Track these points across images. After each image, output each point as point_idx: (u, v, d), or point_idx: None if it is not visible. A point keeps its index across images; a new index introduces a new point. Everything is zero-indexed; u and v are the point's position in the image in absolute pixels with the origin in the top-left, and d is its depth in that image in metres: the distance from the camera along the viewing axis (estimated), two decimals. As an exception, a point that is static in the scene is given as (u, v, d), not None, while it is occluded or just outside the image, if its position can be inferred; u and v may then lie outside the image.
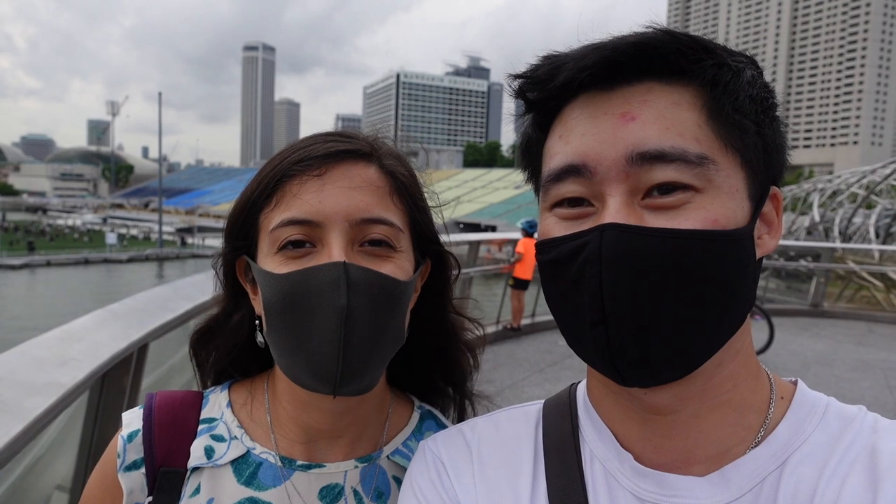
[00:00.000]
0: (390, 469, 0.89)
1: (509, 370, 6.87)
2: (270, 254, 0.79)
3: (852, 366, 7.41)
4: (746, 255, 0.61)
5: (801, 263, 12.69)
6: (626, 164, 0.59)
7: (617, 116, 0.60)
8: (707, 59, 0.61)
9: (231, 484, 0.83)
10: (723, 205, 0.59)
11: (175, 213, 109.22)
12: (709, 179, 0.59)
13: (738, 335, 0.64)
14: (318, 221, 0.76)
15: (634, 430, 0.67)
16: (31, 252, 57.47)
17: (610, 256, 0.57)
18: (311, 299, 0.74)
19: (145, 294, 2.74)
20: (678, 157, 0.58)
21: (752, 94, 0.62)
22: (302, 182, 0.78)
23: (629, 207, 0.59)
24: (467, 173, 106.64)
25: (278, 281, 0.76)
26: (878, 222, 29.06)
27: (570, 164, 0.62)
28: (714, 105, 0.60)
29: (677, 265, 0.57)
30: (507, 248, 11.00)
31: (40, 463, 2.03)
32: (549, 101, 0.66)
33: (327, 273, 0.74)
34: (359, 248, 0.78)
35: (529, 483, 0.71)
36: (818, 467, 0.61)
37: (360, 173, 0.80)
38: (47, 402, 1.37)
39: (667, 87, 0.61)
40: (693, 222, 0.58)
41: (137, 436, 0.85)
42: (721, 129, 0.60)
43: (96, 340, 1.89)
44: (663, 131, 0.59)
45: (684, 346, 0.59)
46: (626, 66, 0.60)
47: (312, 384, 0.77)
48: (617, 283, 0.57)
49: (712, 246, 0.58)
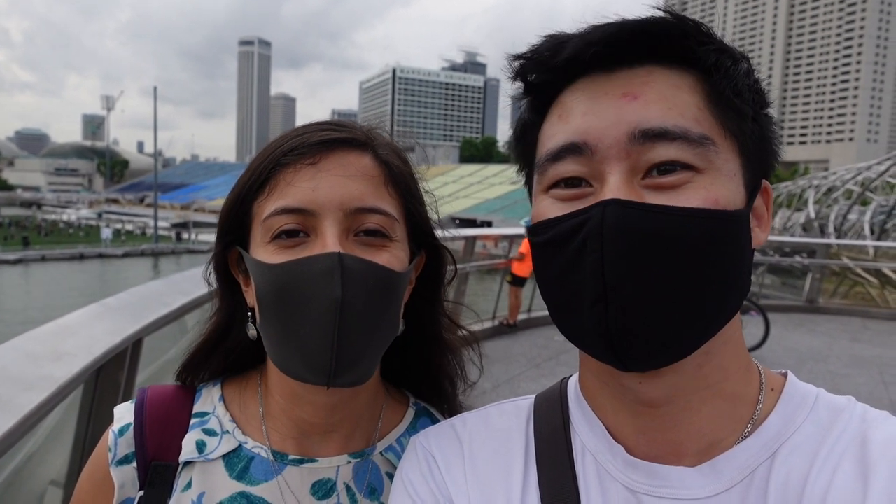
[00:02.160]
0: (383, 465, 0.88)
1: (505, 366, 6.88)
2: (263, 243, 0.77)
3: (847, 362, 7.44)
4: (745, 238, 0.61)
5: (796, 260, 12.74)
6: (628, 141, 0.59)
7: (618, 97, 0.60)
8: (710, 44, 0.61)
9: (223, 478, 0.83)
10: (723, 186, 0.59)
11: (171, 209, 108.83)
12: (709, 160, 0.59)
13: (728, 326, 0.64)
14: (312, 210, 0.76)
15: (627, 423, 0.67)
16: (26, 247, 57.21)
17: (612, 231, 0.56)
18: (306, 290, 0.73)
19: (140, 288, 2.74)
20: (680, 135, 0.58)
21: (749, 84, 0.63)
22: (296, 170, 0.77)
23: (629, 185, 0.59)
24: (463, 169, 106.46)
25: (272, 271, 0.75)
26: (873, 219, 29.14)
27: (571, 142, 0.62)
28: (714, 90, 0.61)
29: (680, 243, 0.57)
30: (502, 243, 11.01)
31: (34, 458, 2.02)
32: (549, 84, 0.65)
33: (322, 263, 0.73)
34: (353, 237, 0.77)
35: (521, 476, 0.71)
36: (809, 457, 0.61)
37: (354, 162, 0.79)
38: (40, 396, 1.36)
39: (667, 70, 0.61)
40: (694, 201, 0.58)
41: (129, 430, 0.85)
42: (721, 113, 0.61)
43: (91, 335, 1.88)
44: (666, 111, 0.59)
45: (682, 326, 0.58)
46: (629, 47, 0.60)
47: (306, 375, 0.76)
48: (619, 258, 0.56)
49: (714, 225, 0.58)
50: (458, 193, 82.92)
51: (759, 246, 0.66)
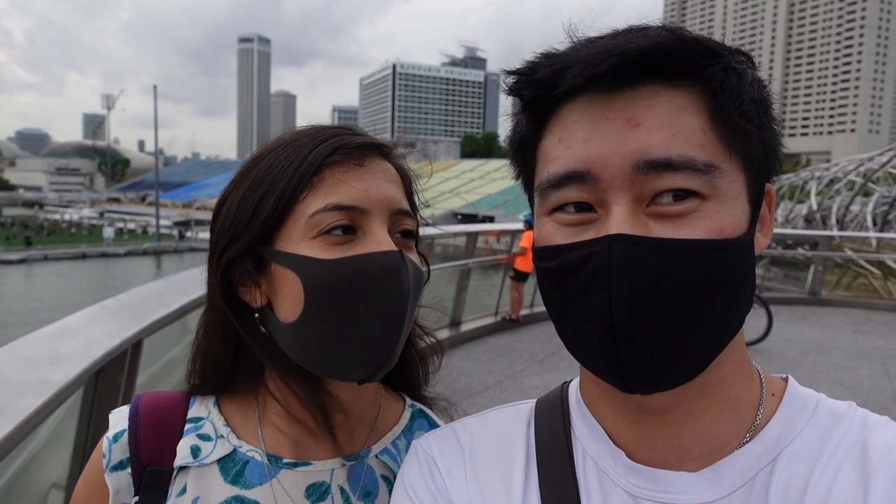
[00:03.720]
0: (379, 468, 0.88)
1: (508, 361, 6.88)
2: (306, 239, 0.77)
3: (850, 353, 7.40)
4: (749, 261, 0.61)
5: (798, 252, 12.72)
6: (632, 171, 0.57)
7: (621, 122, 0.58)
8: (714, 64, 0.59)
9: (217, 482, 0.83)
10: (728, 212, 0.58)
11: (172, 207, 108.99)
12: (715, 187, 0.58)
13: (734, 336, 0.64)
14: (364, 208, 0.77)
15: (628, 429, 0.67)
16: (29, 247, 57.38)
17: (620, 269, 0.56)
18: (372, 286, 0.75)
19: (139, 289, 2.73)
20: (685, 165, 0.57)
21: (754, 96, 0.61)
22: (347, 169, 0.79)
23: (634, 216, 0.58)
24: (465, 164, 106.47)
25: (330, 267, 0.75)
26: (876, 210, 29.09)
27: (573, 170, 0.60)
28: (719, 110, 0.59)
29: (685, 275, 0.56)
30: (504, 238, 10.99)
31: (36, 461, 2.02)
32: (547, 100, 0.63)
33: (387, 260, 0.76)
34: (392, 237, 0.80)
35: (521, 481, 0.70)
36: (810, 462, 0.61)
37: (387, 167, 0.83)
38: (38, 401, 1.36)
39: (671, 90, 0.59)
40: (700, 231, 0.57)
41: (123, 436, 0.85)
42: (725, 134, 0.59)
43: (89, 337, 1.88)
44: (669, 138, 0.57)
45: (691, 354, 0.59)
46: (633, 71, 0.58)
47: (345, 371, 0.78)
48: (627, 295, 0.56)
49: (719, 255, 0.57)
50: (460, 189, 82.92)
51: (761, 252, 0.65)
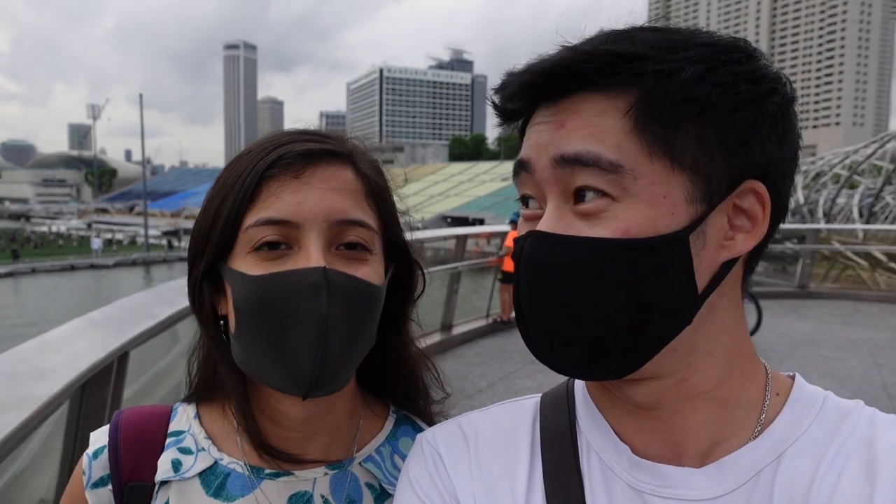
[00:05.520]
0: (363, 476, 0.88)
1: (500, 363, 6.88)
2: (243, 254, 0.76)
3: (839, 345, 7.44)
4: (674, 262, 0.59)
5: (787, 246, 12.78)
6: (552, 166, 0.62)
7: (554, 124, 0.63)
8: (623, 71, 0.60)
9: (199, 496, 0.82)
10: (638, 214, 0.59)
11: (161, 216, 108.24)
12: (623, 188, 0.59)
13: (709, 337, 0.64)
14: (296, 222, 0.75)
15: (626, 422, 0.68)
16: (16, 260, 56.78)
17: (526, 262, 0.62)
18: (290, 304, 0.72)
19: (125, 301, 2.71)
20: (592, 161, 0.59)
21: (691, 95, 0.59)
22: (281, 182, 0.76)
23: (561, 212, 0.62)
24: (453, 167, 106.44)
25: (254, 283, 0.74)
26: (861, 202, 29.35)
27: (520, 160, 0.66)
28: (639, 113, 0.60)
29: (580, 273, 0.60)
30: (495, 241, 11.00)
31: (23, 475, 2.00)
32: (518, 111, 0.69)
33: (308, 277, 0.72)
34: (335, 250, 0.77)
35: (526, 474, 0.71)
36: (815, 460, 0.61)
37: (337, 175, 0.79)
38: (21, 416, 1.35)
39: (599, 95, 0.61)
40: (605, 231, 0.59)
41: (103, 453, 0.84)
42: (645, 137, 0.59)
43: (74, 351, 1.87)
44: (586, 137, 0.60)
45: (602, 349, 0.61)
46: (562, 81, 0.62)
47: (283, 386, 0.76)
48: (529, 286, 0.62)
49: (618, 254, 0.59)
50: (450, 192, 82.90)
51: (741, 254, 0.63)
